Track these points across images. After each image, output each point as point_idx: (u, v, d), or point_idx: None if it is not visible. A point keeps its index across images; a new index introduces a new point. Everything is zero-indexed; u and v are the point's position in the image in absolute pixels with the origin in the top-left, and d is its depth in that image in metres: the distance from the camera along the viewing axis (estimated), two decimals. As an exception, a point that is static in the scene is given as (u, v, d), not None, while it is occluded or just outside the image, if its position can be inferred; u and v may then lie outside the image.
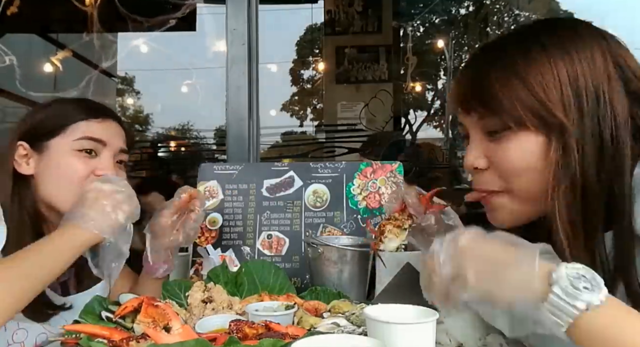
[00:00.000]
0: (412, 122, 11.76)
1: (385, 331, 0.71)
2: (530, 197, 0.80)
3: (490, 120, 0.80)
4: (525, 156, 0.78)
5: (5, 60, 3.56)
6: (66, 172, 1.11)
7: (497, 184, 0.82)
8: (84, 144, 1.12)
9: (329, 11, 4.97)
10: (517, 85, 0.77)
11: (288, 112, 15.45)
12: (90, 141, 1.12)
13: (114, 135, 1.17)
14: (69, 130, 1.12)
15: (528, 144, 0.78)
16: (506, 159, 0.80)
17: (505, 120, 0.78)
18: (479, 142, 0.83)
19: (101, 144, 1.13)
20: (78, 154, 1.11)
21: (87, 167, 1.11)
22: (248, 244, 1.37)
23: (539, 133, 0.77)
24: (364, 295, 1.20)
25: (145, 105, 15.05)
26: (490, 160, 0.82)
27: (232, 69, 1.80)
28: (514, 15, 7.84)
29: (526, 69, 0.77)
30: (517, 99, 0.76)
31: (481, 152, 0.83)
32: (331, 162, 1.46)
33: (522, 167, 0.79)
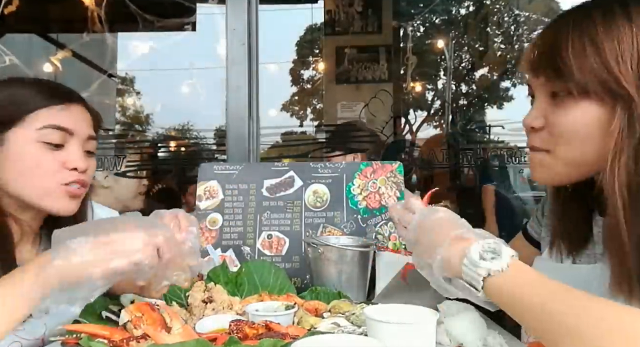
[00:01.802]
0: (412, 122, 11.75)
1: (385, 331, 0.71)
2: (575, 162, 0.82)
3: (556, 84, 0.81)
4: (582, 123, 0.79)
5: (5, 60, 3.56)
6: (30, 167, 0.99)
7: (547, 144, 0.84)
8: (49, 135, 0.99)
9: (329, 11, 4.96)
10: (591, 53, 0.76)
11: (288, 112, 15.44)
12: (55, 130, 1.00)
13: (80, 122, 1.04)
14: (28, 119, 0.99)
15: (588, 113, 0.78)
16: (562, 123, 0.81)
17: (571, 86, 0.78)
18: (541, 103, 0.84)
19: (67, 133, 1.01)
20: (42, 145, 0.99)
21: (54, 161, 1.00)
22: (248, 244, 1.37)
23: (603, 103, 0.77)
24: (364, 295, 1.20)
25: (145, 105, 15.04)
26: (547, 121, 0.83)
27: (232, 69, 1.80)
28: (514, 15, 7.83)
29: (605, 37, 0.76)
30: (588, 68, 0.76)
31: (541, 112, 0.84)
32: (331, 162, 1.46)
33: (575, 133, 0.80)
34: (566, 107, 0.80)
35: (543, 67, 0.82)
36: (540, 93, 0.85)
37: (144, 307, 0.85)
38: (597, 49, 0.76)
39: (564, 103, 0.81)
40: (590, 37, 0.77)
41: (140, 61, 13.56)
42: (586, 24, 0.78)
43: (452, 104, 11.16)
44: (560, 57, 0.79)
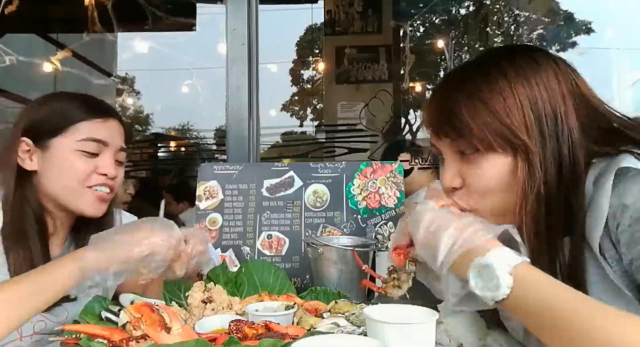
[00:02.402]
0: (412, 122, 11.74)
1: (385, 331, 0.71)
2: (500, 213, 0.85)
3: (461, 142, 0.85)
4: (495, 176, 0.83)
5: (5, 60, 3.56)
6: (68, 172, 1.13)
7: (469, 204, 0.87)
8: (87, 146, 1.14)
9: (329, 11, 4.96)
10: (483, 111, 0.82)
11: (288, 112, 15.44)
12: (93, 143, 1.15)
13: (114, 135, 1.19)
14: (71, 130, 1.14)
15: (497, 165, 0.83)
16: (478, 179, 0.85)
17: (475, 143, 0.83)
18: (453, 163, 0.89)
19: (103, 144, 1.16)
20: (80, 154, 1.14)
21: (88, 167, 1.14)
22: (248, 244, 1.37)
23: (506, 154, 0.82)
24: (364, 295, 1.20)
25: (145, 105, 15.05)
26: (464, 181, 0.87)
27: (232, 69, 1.80)
28: (513, 15, 7.83)
29: (490, 94, 0.82)
30: (483, 124, 0.82)
31: (456, 172, 0.88)
32: (331, 163, 1.46)
33: (492, 186, 0.84)
34: (476, 163, 0.84)
35: (444, 129, 0.87)
36: (449, 153, 0.89)
37: (143, 308, 0.85)
38: (487, 106, 0.82)
39: (474, 159, 0.85)
40: (477, 97, 0.83)
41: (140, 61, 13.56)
42: (472, 86, 0.84)
43: (452, 104, 11.12)
44: (456, 118, 0.84)
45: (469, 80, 0.86)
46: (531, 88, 0.82)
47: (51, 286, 0.89)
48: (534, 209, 0.81)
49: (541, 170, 0.80)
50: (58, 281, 0.90)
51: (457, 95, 0.86)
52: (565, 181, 0.81)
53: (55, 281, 0.90)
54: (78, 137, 1.14)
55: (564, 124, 0.81)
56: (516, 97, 0.82)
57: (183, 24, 4.10)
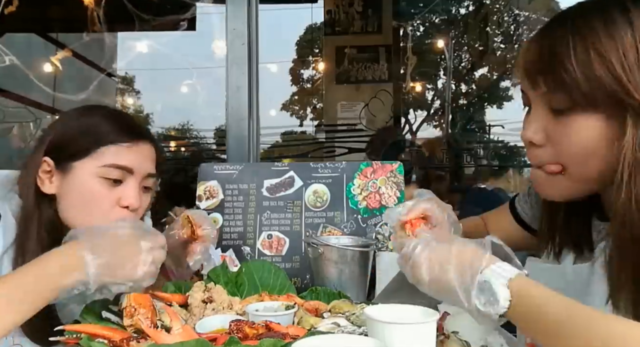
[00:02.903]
0: (412, 122, 11.76)
1: (386, 331, 0.71)
2: (583, 178, 0.78)
3: (558, 96, 0.75)
4: (590, 139, 0.74)
5: (5, 60, 3.56)
6: (89, 199, 1.05)
7: (553, 161, 0.79)
8: (109, 173, 1.05)
9: (329, 11, 4.96)
10: (597, 62, 0.71)
11: (288, 112, 15.44)
12: (118, 170, 1.06)
13: (142, 161, 1.10)
14: (95, 154, 1.05)
15: (596, 127, 0.74)
16: (568, 140, 0.76)
17: (577, 98, 0.73)
18: (541, 116, 0.79)
19: (127, 172, 1.07)
20: (102, 181, 1.05)
21: (111, 196, 1.06)
22: (248, 244, 1.37)
23: (612, 115, 0.73)
24: (364, 295, 1.21)
25: (145, 105, 15.03)
26: (550, 138, 0.78)
27: (232, 69, 1.80)
28: (513, 15, 7.83)
29: (608, 43, 0.72)
30: (594, 77, 0.71)
31: (541, 127, 0.79)
32: (331, 162, 1.46)
33: (584, 150, 0.75)
34: (571, 122, 0.75)
35: (543, 77, 0.76)
36: (538, 105, 0.79)
37: (144, 300, 0.86)
38: (603, 58, 0.71)
39: (567, 117, 0.75)
40: (594, 46, 0.72)
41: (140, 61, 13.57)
42: (588, 31, 0.73)
43: (452, 103, 11.16)
44: (562, 67, 0.73)
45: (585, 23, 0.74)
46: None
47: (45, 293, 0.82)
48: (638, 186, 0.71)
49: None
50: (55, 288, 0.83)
51: (568, 39, 0.74)
52: None
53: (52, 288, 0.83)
54: (101, 163, 1.05)
55: None
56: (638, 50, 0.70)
57: (182, 23, 4.10)
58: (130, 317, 0.83)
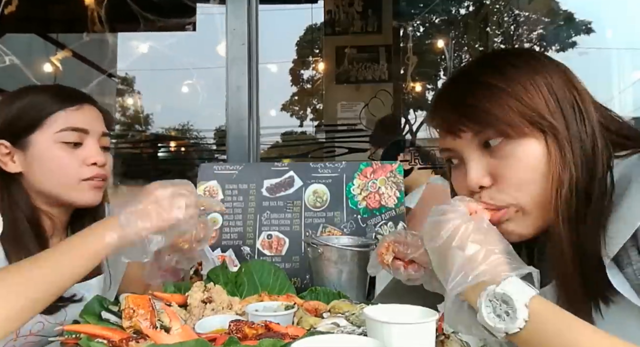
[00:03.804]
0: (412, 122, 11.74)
1: (385, 331, 0.71)
2: (538, 206, 0.80)
3: (485, 133, 0.81)
4: (530, 163, 0.79)
5: (5, 60, 3.56)
6: (55, 166, 1.09)
7: (505, 200, 0.81)
8: (67, 136, 1.09)
9: (329, 11, 4.96)
10: (504, 97, 0.79)
11: (288, 112, 15.43)
12: (73, 132, 1.10)
13: (94, 121, 1.14)
14: (47, 122, 1.09)
15: (531, 151, 0.79)
16: (514, 170, 0.80)
17: (503, 129, 0.79)
18: (478, 160, 0.83)
19: (84, 133, 1.11)
20: (62, 146, 1.09)
21: (74, 159, 1.10)
22: (248, 244, 1.37)
23: (536, 137, 0.79)
24: (364, 295, 1.20)
25: (145, 105, 15.03)
26: (495, 176, 0.82)
27: (232, 69, 1.80)
28: (513, 15, 7.83)
29: (506, 82, 0.80)
30: (508, 108, 0.78)
31: (482, 169, 0.82)
32: (331, 162, 1.46)
33: (529, 175, 0.79)
34: (507, 153, 0.80)
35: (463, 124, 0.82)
36: (470, 150, 0.83)
37: (142, 301, 0.85)
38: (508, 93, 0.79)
39: (503, 150, 0.80)
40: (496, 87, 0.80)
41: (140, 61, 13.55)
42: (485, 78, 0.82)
43: (452, 104, 11.13)
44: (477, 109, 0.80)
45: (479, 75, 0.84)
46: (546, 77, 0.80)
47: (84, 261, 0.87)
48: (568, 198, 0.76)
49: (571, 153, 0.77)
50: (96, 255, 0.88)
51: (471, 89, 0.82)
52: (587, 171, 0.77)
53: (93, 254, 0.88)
54: (56, 129, 1.09)
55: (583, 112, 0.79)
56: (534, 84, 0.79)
57: (182, 23, 4.10)
58: (129, 318, 0.83)
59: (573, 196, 0.77)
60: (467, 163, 0.84)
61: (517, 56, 0.85)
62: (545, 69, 0.82)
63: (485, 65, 0.87)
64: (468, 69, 0.90)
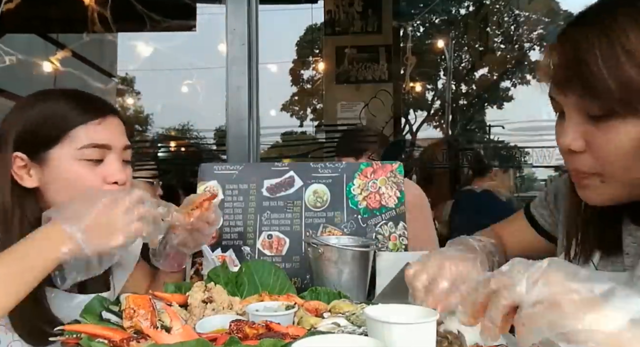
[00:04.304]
0: (412, 122, 11.77)
1: (385, 331, 0.71)
2: (625, 182, 0.75)
3: (591, 102, 0.71)
4: (632, 144, 0.71)
5: (5, 60, 3.56)
6: (75, 184, 1.03)
7: (592, 168, 0.76)
8: (89, 154, 1.04)
9: (329, 11, 4.97)
10: (626, 64, 0.67)
11: (288, 112, 15.45)
12: (95, 149, 1.04)
13: (116, 135, 1.09)
14: (68, 138, 1.03)
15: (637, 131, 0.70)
16: (609, 147, 0.72)
17: (611, 104, 0.69)
18: (578, 123, 0.74)
19: (106, 149, 1.06)
20: (83, 163, 1.04)
21: (96, 176, 1.05)
22: (248, 244, 1.37)
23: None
24: (364, 295, 1.21)
25: (145, 105, 15.05)
26: (589, 145, 0.74)
27: (232, 69, 1.80)
28: (513, 15, 7.84)
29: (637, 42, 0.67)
30: (625, 80, 0.67)
31: (579, 134, 0.75)
32: (331, 163, 1.46)
33: (625, 156, 0.72)
34: (611, 128, 0.71)
35: (572, 84, 0.72)
36: (573, 111, 0.75)
37: (143, 301, 0.86)
38: (633, 57, 0.67)
39: (607, 123, 0.71)
40: (622, 45, 0.68)
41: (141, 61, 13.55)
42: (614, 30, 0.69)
43: (452, 104, 11.16)
44: (590, 72, 0.69)
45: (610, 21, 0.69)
46: None
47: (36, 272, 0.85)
48: None
49: None
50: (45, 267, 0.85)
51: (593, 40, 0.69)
52: None
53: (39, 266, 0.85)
54: (77, 145, 1.03)
55: None
56: None
57: (183, 24, 4.10)
58: (130, 318, 0.83)
59: None
60: (566, 121, 0.76)
61: None
62: None
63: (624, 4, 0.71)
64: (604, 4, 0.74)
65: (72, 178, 1.03)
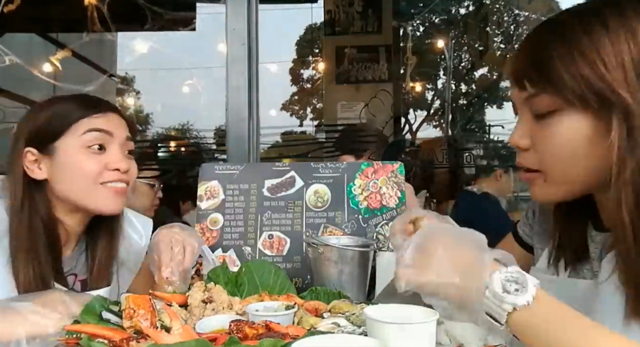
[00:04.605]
0: (412, 122, 11.76)
1: (386, 331, 0.71)
2: (569, 181, 0.79)
3: (541, 100, 0.78)
4: (573, 140, 0.76)
5: (5, 60, 3.56)
6: (78, 171, 1.11)
7: (536, 165, 0.81)
8: (92, 138, 1.12)
9: (329, 11, 4.96)
10: (580, 61, 0.74)
11: (288, 112, 15.46)
12: (97, 133, 1.12)
13: (117, 126, 1.16)
14: (72, 129, 1.12)
15: (581, 128, 0.75)
16: (550, 143, 0.78)
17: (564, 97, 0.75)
18: (526, 121, 0.81)
19: (108, 135, 1.14)
20: (87, 151, 1.12)
21: (98, 164, 1.12)
22: (249, 244, 1.37)
23: (597, 115, 0.74)
24: (364, 295, 1.21)
25: (145, 105, 15.05)
26: (533, 141, 0.81)
27: (232, 69, 1.80)
28: (513, 15, 7.84)
29: (588, 45, 0.74)
30: (579, 75, 0.73)
31: (526, 131, 0.81)
32: (332, 163, 1.46)
33: (566, 152, 0.77)
34: (553, 125, 0.77)
35: (529, 79, 0.79)
36: (524, 110, 0.82)
37: (143, 302, 0.86)
38: (584, 56, 0.74)
39: (551, 120, 0.78)
40: (574, 45, 0.75)
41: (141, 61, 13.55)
42: (570, 34, 0.76)
43: (452, 103, 11.16)
44: (548, 66, 0.76)
45: (567, 28, 0.77)
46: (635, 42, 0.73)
47: None
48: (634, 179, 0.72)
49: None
50: None
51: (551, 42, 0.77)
52: None
53: None
54: (80, 132, 1.11)
55: None
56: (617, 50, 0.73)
57: (183, 23, 4.10)
58: (130, 318, 0.83)
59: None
60: (518, 119, 0.83)
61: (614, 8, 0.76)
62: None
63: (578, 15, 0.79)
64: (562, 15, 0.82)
65: (75, 165, 1.11)
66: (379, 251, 1.26)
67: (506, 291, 0.67)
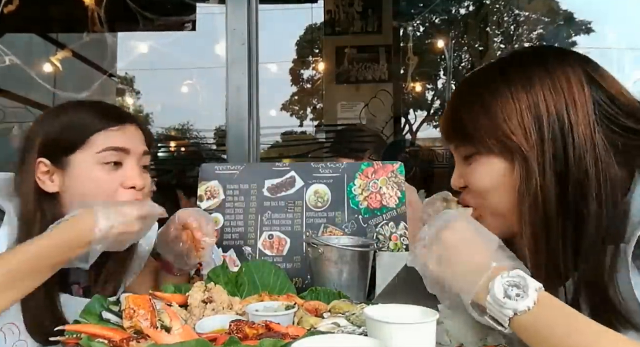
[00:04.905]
0: (412, 122, 11.75)
1: (385, 331, 0.71)
2: (498, 214, 0.89)
3: (463, 147, 0.92)
4: (490, 178, 0.88)
5: (5, 60, 3.56)
6: (93, 188, 1.06)
7: (472, 202, 0.93)
8: (108, 156, 1.07)
9: (329, 11, 4.96)
10: (481, 115, 0.87)
11: (288, 112, 15.44)
12: (114, 152, 1.07)
13: (135, 141, 1.12)
14: (88, 143, 1.07)
15: (493, 167, 0.88)
16: (475, 180, 0.91)
17: (475, 146, 0.88)
18: (459, 165, 0.95)
19: (124, 153, 1.09)
20: (103, 167, 1.07)
21: (114, 181, 1.08)
22: (249, 244, 1.37)
23: (503, 157, 0.86)
24: (364, 295, 1.21)
25: (145, 105, 15.03)
26: (466, 181, 0.93)
27: (232, 69, 1.80)
28: (513, 15, 7.84)
29: (490, 100, 0.86)
30: (481, 127, 0.87)
31: (460, 174, 0.94)
32: (332, 163, 1.46)
33: (488, 187, 0.89)
34: (476, 166, 0.90)
35: (452, 134, 0.95)
36: (457, 156, 0.95)
37: (143, 302, 0.86)
38: (486, 110, 0.86)
39: (475, 163, 0.90)
40: (479, 102, 0.88)
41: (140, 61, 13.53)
42: (476, 91, 0.90)
43: (452, 104, 11.10)
44: (459, 123, 0.91)
45: (475, 86, 0.92)
46: (534, 92, 0.83)
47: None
48: (530, 214, 0.82)
49: (539, 174, 0.81)
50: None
51: (461, 101, 0.92)
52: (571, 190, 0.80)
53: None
54: (96, 149, 1.06)
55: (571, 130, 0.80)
56: (515, 101, 0.84)
57: (183, 23, 4.10)
58: (130, 318, 0.83)
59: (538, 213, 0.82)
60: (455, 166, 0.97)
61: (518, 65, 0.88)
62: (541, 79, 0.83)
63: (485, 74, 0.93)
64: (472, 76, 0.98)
65: (90, 182, 1.06)
66: (379, 251, 1.26)
67: (507, 296, 0.71)
